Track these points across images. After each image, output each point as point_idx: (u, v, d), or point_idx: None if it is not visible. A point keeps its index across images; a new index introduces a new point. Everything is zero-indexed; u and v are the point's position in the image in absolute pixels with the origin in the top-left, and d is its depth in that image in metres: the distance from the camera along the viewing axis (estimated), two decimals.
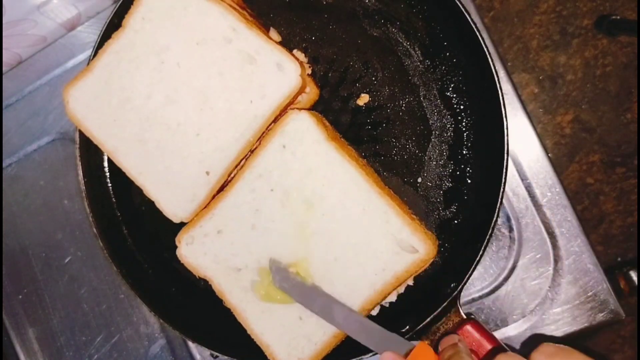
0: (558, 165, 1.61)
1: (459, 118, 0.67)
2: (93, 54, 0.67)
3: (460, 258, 0.64)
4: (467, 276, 0.61)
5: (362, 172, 0.60)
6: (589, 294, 0.71)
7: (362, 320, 0.57)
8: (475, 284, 0.73)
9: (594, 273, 0.71)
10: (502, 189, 0.61)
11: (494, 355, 0.49)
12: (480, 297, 0.73)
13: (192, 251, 0.63)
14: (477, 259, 0.61)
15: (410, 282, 0.65)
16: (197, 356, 0.79)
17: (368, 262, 0.59)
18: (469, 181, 0.66)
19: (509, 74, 0.73)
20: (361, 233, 0.59)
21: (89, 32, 0.84)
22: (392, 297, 0.64)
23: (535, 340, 0.71)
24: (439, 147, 0.67)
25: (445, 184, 0.67)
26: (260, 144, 0.63)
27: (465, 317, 0.61)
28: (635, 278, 1.23)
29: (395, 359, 0.52)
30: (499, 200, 0.61)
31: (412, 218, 0.60)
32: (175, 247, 0.64)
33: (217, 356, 0.78)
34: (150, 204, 0.64)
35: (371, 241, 0.59)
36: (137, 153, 0.64)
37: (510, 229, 0.72)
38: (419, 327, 0.61)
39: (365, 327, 0.56)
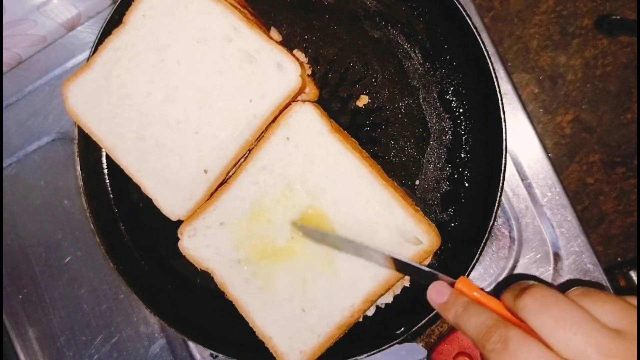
0: (558, 165, 1.61)
1: (458, 121, 0.67)
2: (93, 50, 0.67)
3: (456, 261, 0.64)
4: None
5: (366, 164, 0.60)
6: None
7: (400, 259, 0.55)
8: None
9: (594, 273, 0.71)
10: (499, 193, 0.61)
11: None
12: None
13: (194, 243, 0.63)
14: (474, 262, 0.61)
15: (407, 284, 0.65)
16: (197, 356, 0.78)
17: None
18: (467, 185, 0.66)
19: (509, 74, 0.73)
20: (365, 225, 0.59)
21: (89, 32, 0.83)
22: (388, 298, 0.64)
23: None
24: (437, 150, 0.67)
25: (443, 187, 0.67)
26: (263, 136, 0.63)
27: None
28: (635, 278, 1.23)
29: (445, 288, 0.49)
30: (496, 204, 0.61)
31: (416, 210, 0.60)
32: (173, 244, 0.64)
33: (216, 356, 0.78)
34: (148, 201, 0.64)
35: (375, 233, 0.59)
36: (136, 150, 0.64)
37: (510, 229, 0.72)
38: (414, 329, 0.61)
39: (405, 265, 0.54)
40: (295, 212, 0.60)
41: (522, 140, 0.73)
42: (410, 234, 0.58)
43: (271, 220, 0.61)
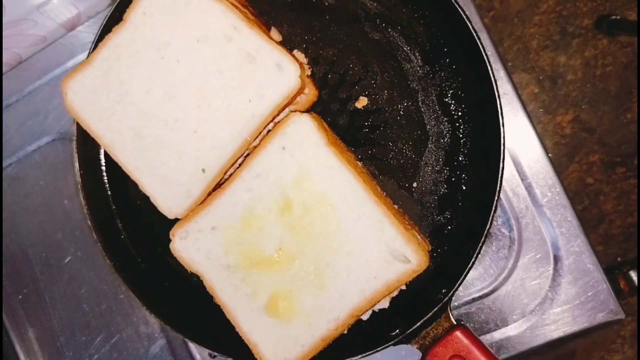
0: (558, 165, 1.61)
1: (457, 124, 0.67)
2: (93, 46, 0.66)
3: (452, 264, 0.64)
4: (458, 283, 0.62)
5: (360, 179, 0.60)
6: (589, 294, 0.71)
7: None
8: (475, 284, 0.73)
9: (594, 273, 0.71)
10: (496, 197, 0.61)
11: None
12: (480, 297, 0.73)
13: (185, 246, 0.64)
14: (470, 265, 0.61)
15: (403, 287, 0.65)
16: (197, 356, 0.79)
17: (360, 269, 0.59)
18: (464, 188, 0.67)
19: (509, 74, 0.73)
20: (355, 240, 0.59)
21: (89, 32, 0.84)
22: (385, 304, 0.64)
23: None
24: (435, 152, 0.68)
25: (440, 190, 0.67)
26: (260, 144, 0.63)
27: (455, 322, 0.61)
28: (635, 278, 1.23)
29: None
30: (493, 208, 0.61)
31: (407, 228, 0.60)
32: (169, 242, 0.64)
33: (214, 355, 0.78)
34: (146, 198, 0.64)
35: (364, 248, 0.59)
36: (134, 148, 0.64)
37: (510, 229, 0.72)
38: (408, 331, 0.62)
39: None
40: (287, 222, 0.61)
41: (522, 140, 0.73)
42: (399, 252, 0.58)
43: (262, 229, 0.61)
